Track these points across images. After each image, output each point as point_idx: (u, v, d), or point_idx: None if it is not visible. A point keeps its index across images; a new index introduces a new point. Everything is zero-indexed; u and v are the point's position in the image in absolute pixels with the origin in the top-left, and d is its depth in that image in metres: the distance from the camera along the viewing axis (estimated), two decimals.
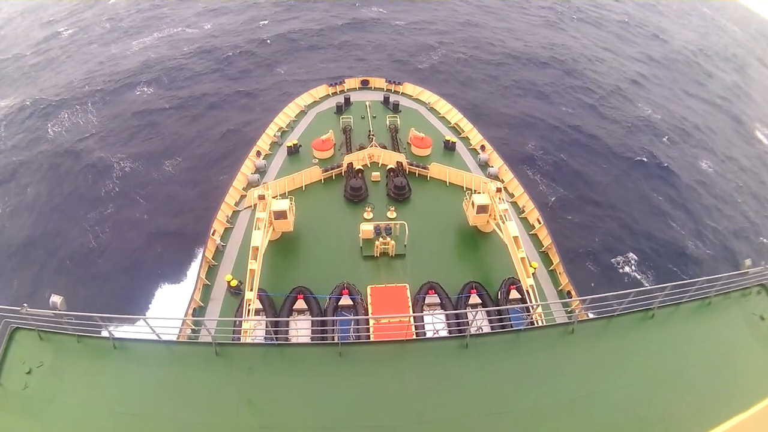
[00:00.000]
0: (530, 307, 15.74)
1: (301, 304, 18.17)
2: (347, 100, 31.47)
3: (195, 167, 35.94)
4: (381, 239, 20.41)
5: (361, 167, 25.29)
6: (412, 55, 54.23)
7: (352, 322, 16.96)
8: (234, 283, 19.01)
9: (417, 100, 33.15)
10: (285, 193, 23.46)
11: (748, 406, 10.17)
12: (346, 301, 18.08)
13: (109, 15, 65.04)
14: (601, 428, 10.04)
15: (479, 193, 22.34)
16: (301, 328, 17.36)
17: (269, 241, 19.82)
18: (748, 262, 12.77)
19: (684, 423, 10.04)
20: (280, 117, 30.54)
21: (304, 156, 27.15)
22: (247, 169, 26.18)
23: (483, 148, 28.62)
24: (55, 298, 10.33)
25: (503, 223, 19.48)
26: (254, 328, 16.57)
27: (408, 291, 18.43)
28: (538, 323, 14.81)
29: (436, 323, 17.55)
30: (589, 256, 30.64)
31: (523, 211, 24.35)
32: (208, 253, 20.81)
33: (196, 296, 19.02)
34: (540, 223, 22.92)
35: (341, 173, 25.23)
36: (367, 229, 20.71)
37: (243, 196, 24.34)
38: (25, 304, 10.17)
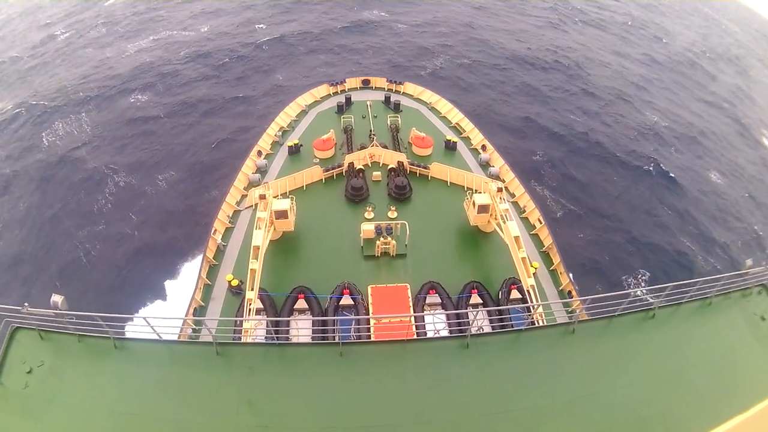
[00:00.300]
0: (531, 307, 15.73)
1: (301, 304, 18.16)
2: (348, 100, 31.48)
3: (187, 179, 34.98)
4: (382, 239, 20.40)
5: (362, 167, 25.28)
6: (412, 59, 53.40)
7: (353, 322, 16.94)
8: (235, 283, 19.02)
9: (418, 100, 33.14)
10: (286, 193, 23.47)
11: (749, 406, 10.16)
12: (346, 300, 18.07)
13: (106, 17, 64.60)
14: (602, 428, 10.03)
15: (480, 192, 22.32)
16: (301, 328, 17.35)
17: (270, 241, 19.80)
18: (749, 263, 12.76)
19: (684, 423, 10.03)
20: (281, 116, 30.56)
21: (305, 155, 27.15)
22: (248, 168, 26.19)
23: (484, 147, 28.60)
24: (56, 298, 10.33)
25: (504, 222, 19.46)
26: (255, 328, 16.57)
27: (409, 291, 18.43)
28: (538, 323, 14.82)
29: (436, 323, 17.53)
30: (600, 275, 29.70)
31: (524, 211, 24.34)
32: (209, 253, 20.82)
33: (197, 296, 19.03)
34: (541, 223, 22.90)
35: (342, 173, 25.22)
36: (368, 228, 20.70)
37: (244, 196, 24.34)
38: (26, 303, 10.17)
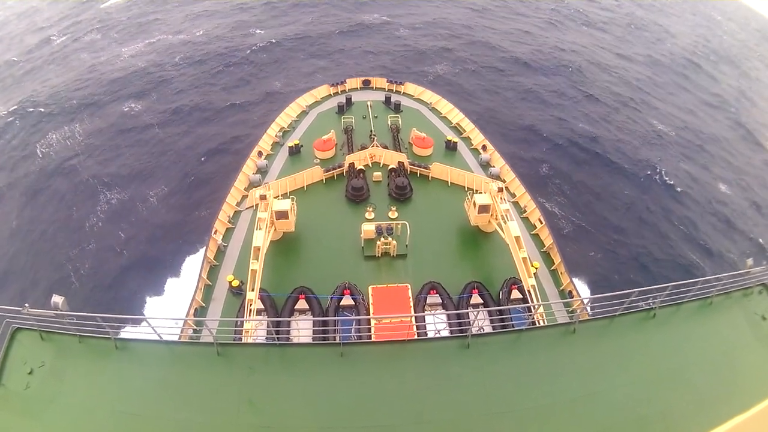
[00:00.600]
0: (532, 307, 15.72)
1: (302, 304, 18.17)
2: (348, 100, 31.49)
3: (178, 192, 33.77)
4: (382, 239, 20.39)
5: (363, 167, 25.28)
6: (411, 65, 52.17)
7: (354, 322, 16.93)
8: (235, 283, 19.02)
9: (418, 100, 33.16)
10: (286, 193, 23.48)
11: (749, 405, 10.15)
12: (347, 301, 18.08)
13: (101, 20, 63.75)
14: (602, 427, 10.03)
15: (481, 193, 22.32)
16: (302, 328, 17.36)
17: (271, 241, 19.81)
18: (750, 262, 12.74)
19: (684, 422, 10.03)
20: (282, 117, 30.58)
21: (305, 156, 27.15)
22: (249, 169, 26.19)
23: (484, 148, 28.60)
24: (57, 299, 10.35)
25: (505, 223, 19.46)
26: (256, 328, 16.58)
27: (409, 291, 18.43)
28: (539, 323, 14.80)
29: (437, 323, 17.52)
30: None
31: (525, 211, 24.33)
32: (210, 253, 20.83)
33: (198, 296, 19.04)
34: (541, 223, 22.89)
35: (343, 173, 25.23)
36: (368, 229, 20.70)
37: (244, 196, 24.36)
38: (27, 304, 10.19)
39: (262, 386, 10.40)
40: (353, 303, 18.04)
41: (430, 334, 16.94)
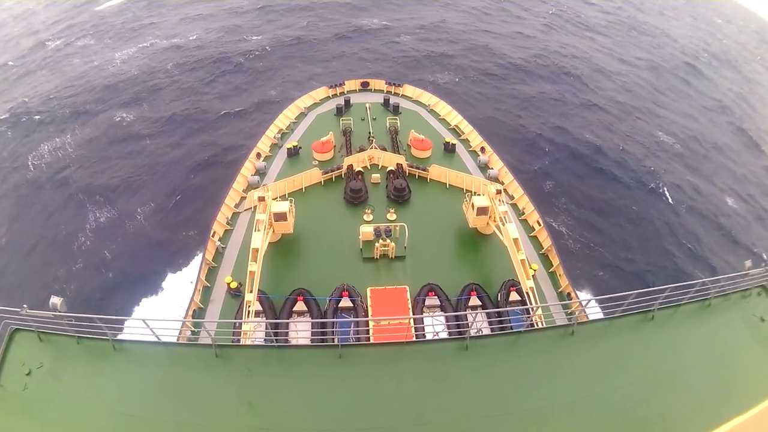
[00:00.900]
0: (530, 309, 15.74)
1: (300, 306, 18.16)
2: (347, 102, 31.52)
3: (164, 210, 32.74)
4: (381, 241, 20.40)
5: (361, 169, 25.30)
6: (409, 72, 51.13)
7: (352, 324, 16.92)
8: (234, 285, 18.98)
9: (417, 102, 33.22)
10: (285, 195, 23.46)
11: (747, 407, 10.16)
12: (346, 302, 18.04)
13: (95, 24, 62.97)
14: (601, 429, 10.03)
15: (479, 195, 22.34)
16: (300, 330, 17.34)
17: (269, 243, 19.80)
18: (748, 264, 12.78)
19: (682, 423, 10.03)
20: (280, 119, 30.59)
21: (304, 158, 27.17)
22: (247, 170, 26.18)
23: (483, 150, 28.64)
24: (55, 300, 10.32)
25: (503, 225, 19.47)
26: (254, 330, 16.55)
27: (408, 293, 18.40)
28: (537, 325, 14.80)
29: (436, 325, 17.52)
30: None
31: (523, 213, 24.35)
32: (208, 255, 20.80)
33: (196, 298, 19.00)
34: (540, 225, 22.93)
35: (341, 175, 25.24)
36: (366, 230, 20.71)
37: (243, 198, 24.35)
38: (25, 305, 10.16)
39: (261, 388, 10.38)
40: (352, 305, 18.00)
41: (429, 336, 16.91)
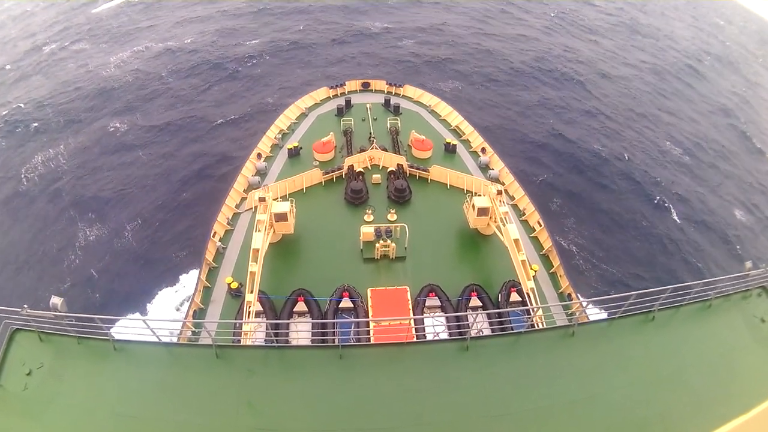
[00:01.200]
0: (530, 310, 15.73)
1: (301, 307, 18.18)
2: (348, 103, 31.54)
3: (153, 226, 31.51)
4: (381, 242, 20.41)
5: (362, 170, 25.31)
6: (411, 77, 49.48)
7: (353, 325, 16.93)
8: (234, 286, 19.00)
9: (418, 103, 33.24)
10: (286, 196, 23.48)
11: (748, 408, 10.15)
12: (346, 303, 18.07)
13: (91, 28, 62.21)
14: (601, 430, 10.03)
15: (480, 195, 22.35)
16: (301, 331, 17.36)
17: (270, 244, 19.81)
18: (749, 265, 12.79)
19: (683, 424, 10.03)
20: (281, 119, 30.62)
21: (304, 158, 27.19)
22: (248, 171, 26.21)
23: (484, 150, 28.63)
24: (56, 300, 10.34)
25: (504, 225, 19.48)
26: (254, 331, 16.56)
27: (408, 293, 18.41)
28: (538, 326, 14.80)
29: (436, 326, 17.54)
30: None
31: (524, 214, 24.35)
32: (209, 255, 20.81)
33: (197, 298, 19.02)
34: (540, 226, 22.91)
35: (342, 175, 25.26)
36: (367, 231, 20.72)
37: (244, 198, 24.37)
38: (26, 305, 10.18)
39: (261, 388, 10.38)
40: (352, 305, 18.02)
41: (429, 337, 16.93)
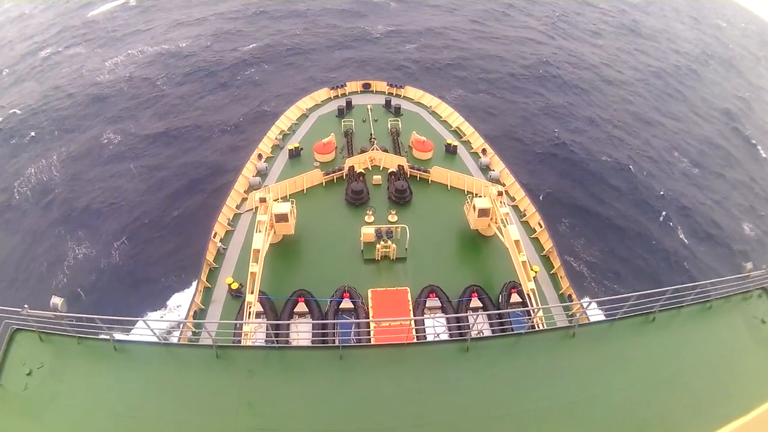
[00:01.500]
0: (531, 311, 15.72)
1: (301, 307, 18.19)
2: (349, 104, 31.57)
3: (141, 244, 30.65)
4: (382, 242, 20.41)
5: (363, 170, 25.33)
6: (411, 83, 47.82)
7: (353, 326, 16.94)
8: (235, 286, 19.00)
9: (418, 104, 33.25)
10: (286, 196, 23.49)
11: (748, 409, 10.15)
12: (346, 304, 18.08)
13: (86, 32, 62.18)
14: (601, 430, 10.03)
15: (480, 196, 22.35)
16: (301, 331, 17.36)
17: (270, 244, 19.81)
18: (749, 266, 12.77)
19: (683, 425, 10.02)
20: (282, 120, 30.65)
21: (305, 159, 27.20)
22: (249, 171, 26.23)
23: (484, 151, 28.64)
24: (56, 300, 10.35)
25: (504, 226, 19.47)
26: (255, 331, 16.55)
27: (409, 294, 18.41)
28: (538, 327, 14.80)
29: (437, 327, 17.53)
30: None
31: (525, 215, 24.34)
32: (209, 256, 20.82)
33: (197, 299, 19.03)
34: (541, 227, 22.91)
35: (342, 176, 25.27)
36: (368, 232, 20.72)
37: (244, 199, 24.38)
38: (26, 305, 10.19)
39: (261, 389, 10.38)
40: (353, 306, 18.03)
41: (430, 338, 16.93)
